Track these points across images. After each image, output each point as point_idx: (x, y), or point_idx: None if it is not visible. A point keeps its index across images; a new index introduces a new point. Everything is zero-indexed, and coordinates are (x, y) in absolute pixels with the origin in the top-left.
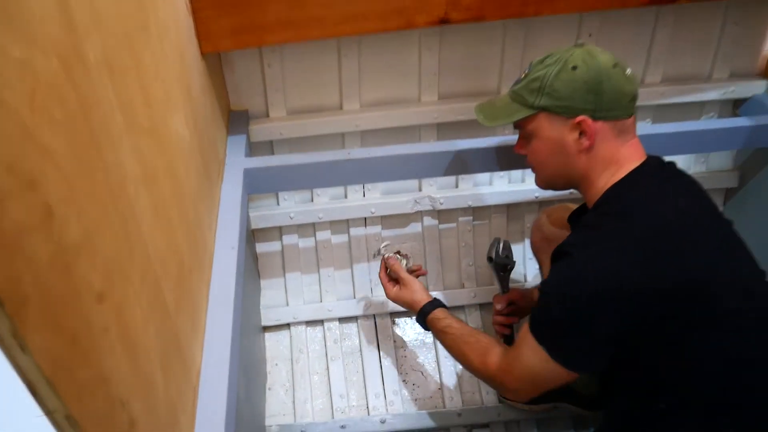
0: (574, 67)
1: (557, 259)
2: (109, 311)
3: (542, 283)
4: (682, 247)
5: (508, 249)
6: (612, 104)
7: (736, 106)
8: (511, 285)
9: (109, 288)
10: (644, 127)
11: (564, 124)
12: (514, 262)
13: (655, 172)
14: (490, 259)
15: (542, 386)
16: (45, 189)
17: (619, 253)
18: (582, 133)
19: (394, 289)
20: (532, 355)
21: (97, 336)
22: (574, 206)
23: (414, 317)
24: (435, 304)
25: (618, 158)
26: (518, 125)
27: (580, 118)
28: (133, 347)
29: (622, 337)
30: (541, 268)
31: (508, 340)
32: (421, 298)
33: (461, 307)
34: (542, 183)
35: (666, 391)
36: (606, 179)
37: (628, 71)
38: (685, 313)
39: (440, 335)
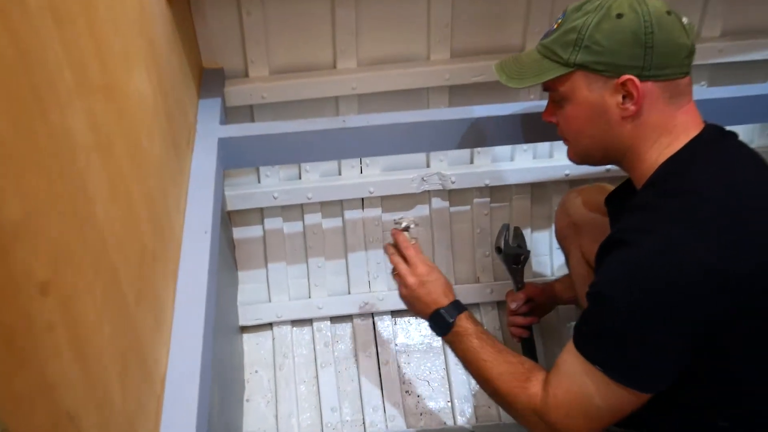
0: (620, 15)
1: (610, 250)
2: (54, 305)
3: (592, 283)
4: (760, 228)
5: (519, 237)
6: (664, 60)
7: None
8: (531, 279)
9: (55, 277)
10: (698, 91)
11: (605, 84)
12: (528, 252)
13: (717, 143)
14: (498, 249)
15: (602, 419)
16: None
17: (690, 239)
18: (627, 96)
19: (412, 280)
20: (581, 380)
21: (39, 335)
22: (610, 186)
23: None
24: (459, 307)
25: (671, 127)
26: (548, 87)
27: (625, 77)
28: (84, 349)
29: (698, 341)
30: (567, 260)
31: (528, 345)
32: (440, 297)
33: (475, 305)
34: (576, 156)
35: (730, 405)
36: (658, 152)
37: (685, 20)
38: (765, 305)
39: (464, 353)
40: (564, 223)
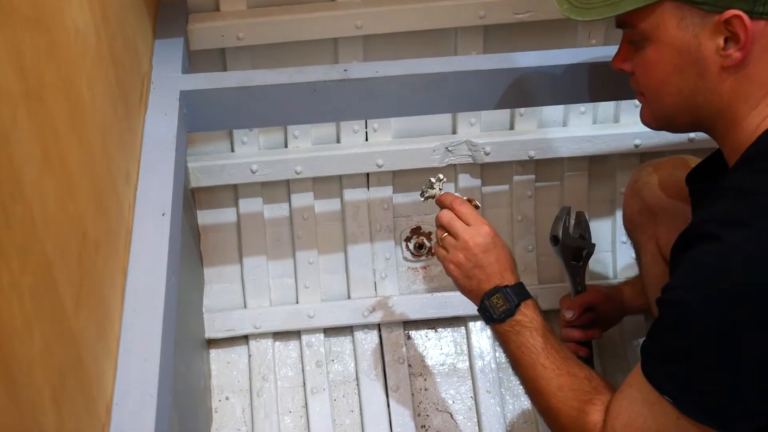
0: None
1: (691, 245)
2: None
3: (666, 287)
4: None
5: (583, 225)
6: None
7: None
8: (589, 281)
9: None
10: None
11: (703, 21)
12: (593, 246)
13: None
14: (555, 239)
15: None
16: None
17: None
18: (730, 39)
19: (478, 241)
20: (645, 413)
21: None
22: (694, 160)
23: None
24: (524, 292)
25: None
26: (624, 22)
27: (731, 12)
28: (8, 363)
29: None
30: (638, 256)
31: (586, 364)
32: (506, 272)
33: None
34: (653, 119)
35: None
36: (761, 117)
37: None
38: None
39: (520, 351)
40: (635, 208)
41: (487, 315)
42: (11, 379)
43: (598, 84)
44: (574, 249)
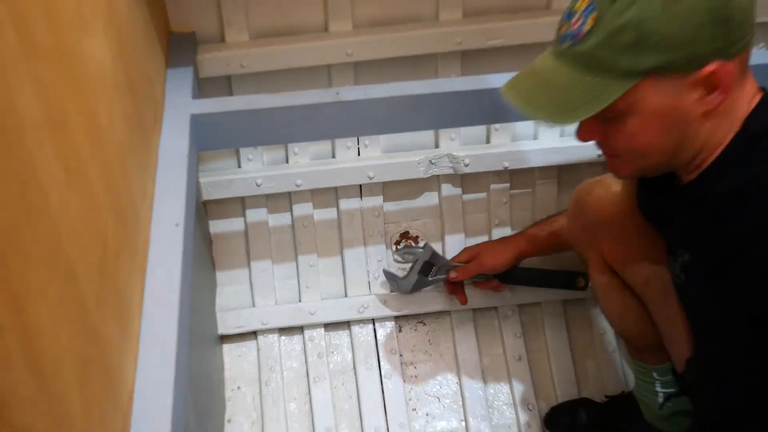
0: None
1: (745, 207)
2: (2, 305)
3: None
4: None
5: (406, 253)
6: (744, 27)
7: None
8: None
9: (3, 273)
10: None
11: (681, 82)
12: (424, 252)
13: None
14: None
15: None
16: None
17: None
18: (709, 88)
19: None
20: None
21: None
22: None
23: None
24: None
25: (742, 105)
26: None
27: (710, 68)
28: (39, 358)
29: None
30: (584, 266)
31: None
32: None
33: (494, 309)
34: (632, 174)
35: None
36: (713, 146)
37: None
38: None
39: None
40: (578, 226)
41: None
42: (40, 372)
43: None
44: (418, 276)
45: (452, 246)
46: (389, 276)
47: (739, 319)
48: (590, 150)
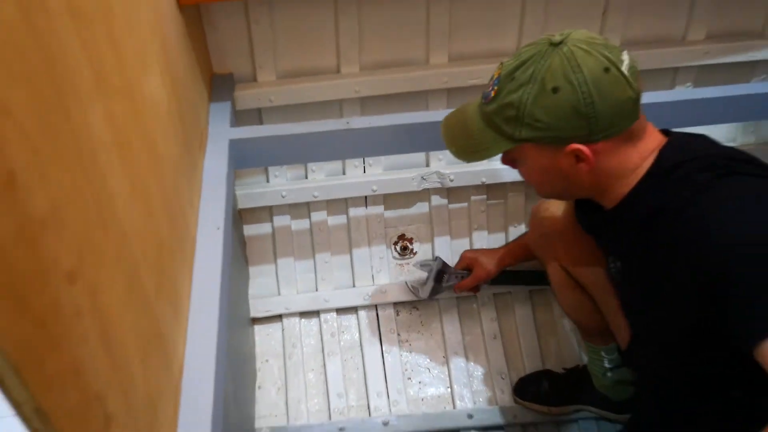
0: (555, 89)
1: (680, 230)
2: (81, 293)
3: (728, 246)
4: None
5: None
6: (610, 121)
7: None
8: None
9: (81, 267)
10: (685, 92)
11: (555, 151)
12: (436, 263)
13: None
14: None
15: None
16: (7, 153)
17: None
18: (578, 159)
19: None
20: None
21: (68, 321)
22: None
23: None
24: None
25: (633, 163)
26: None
27: (571, 147)
28: (109, 335)
29: None
30: (544, 266)
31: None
32: None
33: (474, 297)
34: (546, 197)
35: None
36: (628, 182)
37: (625, 64)
38: None
39: None
40: (537, 235)
41: None
42: (110, 348)
43: None
44: (434, 283)
45: (440, 245)
46: (412, 288)
47: (668, 307)
48: None
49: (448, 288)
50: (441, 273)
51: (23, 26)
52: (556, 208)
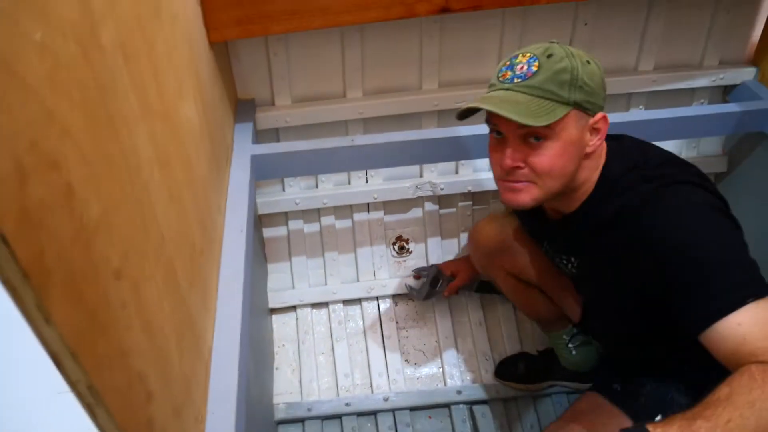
0: (588, 62)
1: (638, 224)
2: (126, 288)
3: (675, 242)
4: None
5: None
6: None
7: (726, 93)
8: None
9: (126, 265)
10: (637, 113)
11: (585, 123)
12: (432, 270)
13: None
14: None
15: None
16: (66, 168)
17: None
18: (593, 133)
19: None
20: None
21: (115, 311)
22: (503, 215)
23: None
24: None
25: (601, 152)
26: (524, 128)
27: (600, 114)
28: (149, 323)
29: None
30: (493, 279)
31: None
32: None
33: (468, 286)
34: (537, 199)
35: None
36: (580, 194)
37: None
38: None
39: None
40: (479, 254)
41: None
42: (151, 333)
43: None
44: (431, 284)
45: (432, 245)
46: (409, 288)
47: (625, 288)
48: None
49: (440, 292)
50: (436, 279)
51: (82, 61)
52: (489, 228)
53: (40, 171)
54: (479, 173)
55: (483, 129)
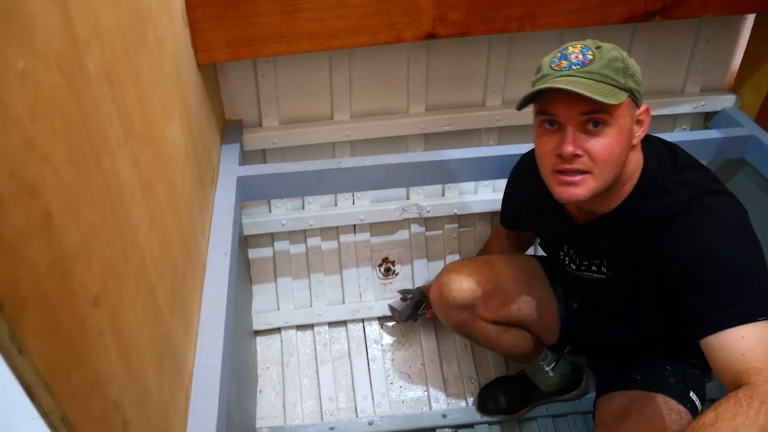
0: (629, 56)
1: (671, 226)
2: (104, 315)
3: (684, 258)
4: None
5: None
6: None
7: (707, 119)
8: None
9: (105, 292)
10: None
11: (633, 112)
12: (416, 293)
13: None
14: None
15: None
16: (45, 196)
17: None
18: (639, 124)
19: None
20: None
21: (92, 339)
22: (472, 261)
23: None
24: None
25: (639, 147)
26: (602, 110)
27: (645, 106)
28: (127, 350)
29: None
30: (470, 336)
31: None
32: None
33: None
34: (592, 191)
35: None
36: (619, 194)
37: None
38: None
39: None
40: (454, 314)
41: None
42: (129, 361)
43: (493, 168)
44: (414, 308)
45: (419, 267)
46: (392, 309)
47: (642, 290)
48: None
49: (422, 315)
50: (420, 302)
51: (65, 89)
52: (462, 282)
53: (18, 200)
54: (465, 196)
55: (469, 153)
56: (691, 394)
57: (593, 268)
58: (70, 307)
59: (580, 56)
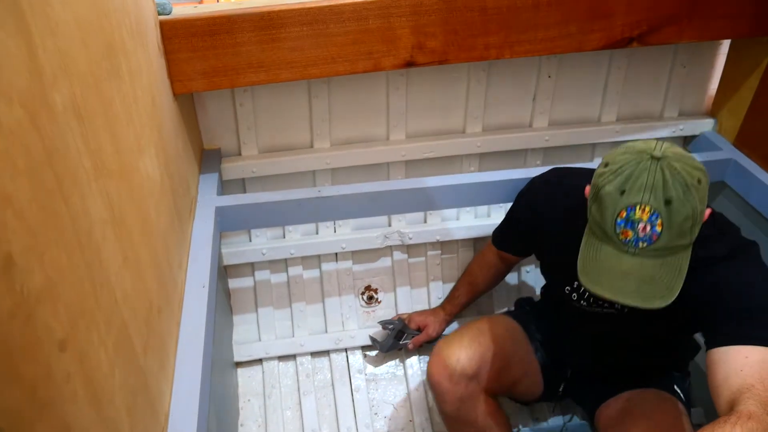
0: (699, 180)
1: (713, 271)
2: (71, 359)
3: (735, 295)
4: None
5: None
6: None
7: (686, 143)
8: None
9: (73, 335)
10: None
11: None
12: (398, 324)
13: None
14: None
15: None
16: (6, 239)
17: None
18: None
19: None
20: None
21: (58, 385)
22: (476, 324)
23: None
24: None
25: None
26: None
27: (708, 211)
28: (98, 393)
29: None
30: (470, 419)
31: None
32: None
33: (433, 340)
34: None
35: None
36: None
37: None
38: None
39: None
40: (459, 388)
41: None
42: (99, 404)
43: (475, 195)
44: (396, 338)
45: (402, 295)
46: (373, 340)
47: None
48: (494, 228)
49: (404, 345)
50: (401, 332)
51: (29, 126)
52: (464, 353)
53: None
54: (447, 222)
55: (450, 180)
56: (675, 387)
57: (606, 305)
58: (33, 353)
59: (648, 228)
